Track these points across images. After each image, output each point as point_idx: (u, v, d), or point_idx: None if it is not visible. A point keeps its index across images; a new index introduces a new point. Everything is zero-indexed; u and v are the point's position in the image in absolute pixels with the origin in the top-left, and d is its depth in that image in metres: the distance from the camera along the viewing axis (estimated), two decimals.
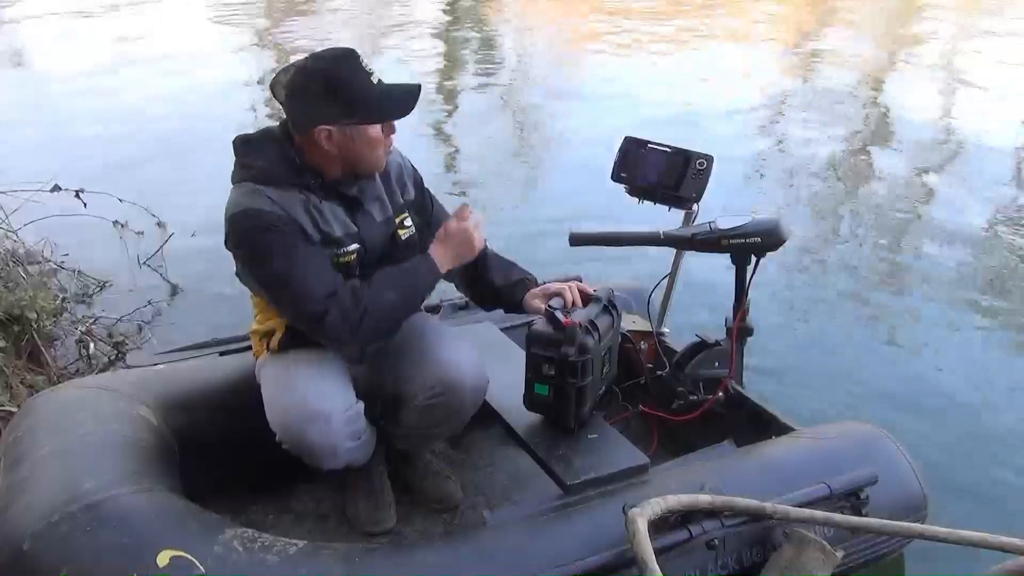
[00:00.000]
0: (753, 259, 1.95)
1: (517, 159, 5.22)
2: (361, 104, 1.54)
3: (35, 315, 2.60)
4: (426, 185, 1.86)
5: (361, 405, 1.67)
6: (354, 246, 1.63)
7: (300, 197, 1.57)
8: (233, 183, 1.60)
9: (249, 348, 1.84)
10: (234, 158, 1.63)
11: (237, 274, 1.67)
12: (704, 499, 1.53)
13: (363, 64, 1.54)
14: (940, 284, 3.51)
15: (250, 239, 1.54)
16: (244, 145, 1.62)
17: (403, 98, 1.58)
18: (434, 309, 2.23)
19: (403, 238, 1.72)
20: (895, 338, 3.11)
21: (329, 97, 1.52)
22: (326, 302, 1.52)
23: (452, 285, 1.99)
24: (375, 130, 1.57)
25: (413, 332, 1.76)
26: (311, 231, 1.57)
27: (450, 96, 6.67)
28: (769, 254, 1.93)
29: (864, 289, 3.49)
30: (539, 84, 7.12)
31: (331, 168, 1.60)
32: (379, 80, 1.55)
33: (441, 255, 1.66)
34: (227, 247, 1.59)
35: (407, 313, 1.66)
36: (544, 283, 1.87)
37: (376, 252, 1.67)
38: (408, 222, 1.75)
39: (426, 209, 1.83)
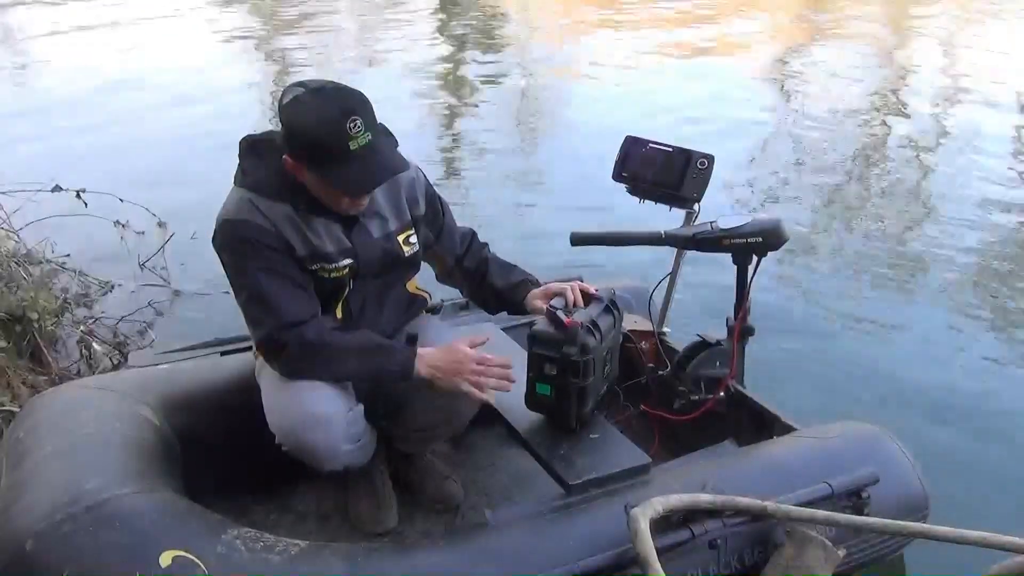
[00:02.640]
0: (754, 259, 1.95)
1: (518, 159, 5.22)
2: (327, 168, 1.48)
3: (36, 315, 2.60)
4: (441, 196, 1.84)
5: (361, 408, 1.67)
6: (346, 261, 1.61)
7: (291, 212, 1.55)
8: (234, 184, 1.60)
9: (251, 348, 1.83)
10: (238, 159, 1.62)
11: None
12: (705, 498, 1.53)
13: (351, 127, 1.44)
14: (943, 283, 3.51)
15: (232, 248, 1.55)
16: (248, 148, 1.61)
17: (367, 178, 1.49)
18: (435, 309, 2.23)
19: (406, 255, 1.70)
20: (897, 338, 3.11)
21: (305, 144, 1.47)
22: (288, 330, 1.53)
23: (455, 287, 2.00)
24: (337, 193, 1.52)
25: (417, 335, 1.76)
26: (299, 247, 1.56)
27: (451, 95, 6.67)
28: (771, 254, 1.93)
29: (866, 289, 3.49)
30: (540, 83, 7.12)
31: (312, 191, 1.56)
32: (360, 145, 1.45)
33: (426, 359, 1.61)
34: (213, 246, 1.59)
35: (358, 381, 1.64)
36: (545, 283, 1.87)
37: (373, 267, 1.66)
38: (413, 239, 1.72)
39: (437, 221, 1.82)
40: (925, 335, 3.11)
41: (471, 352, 1.62)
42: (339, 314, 1.67)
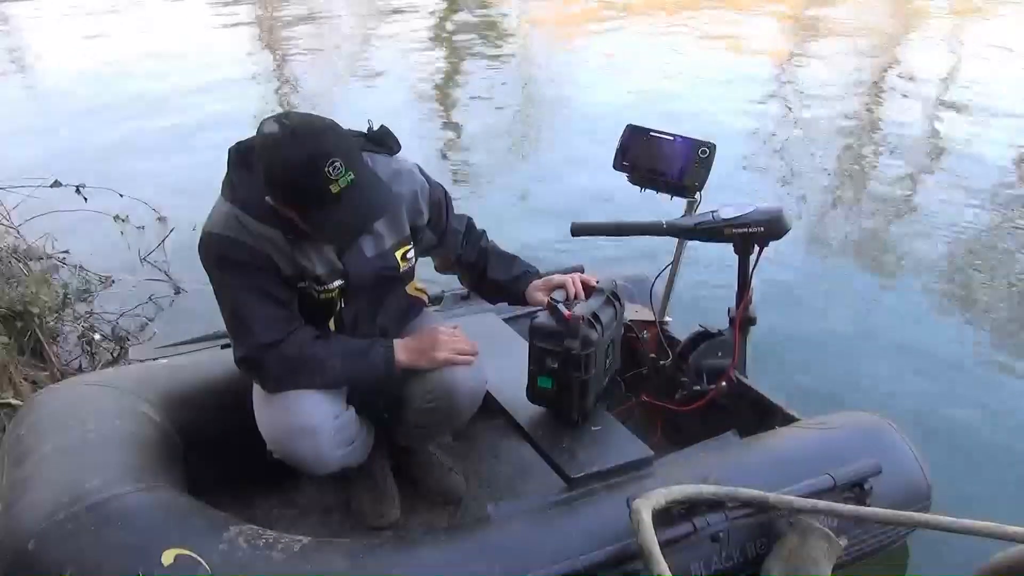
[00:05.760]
0: (756, 248, 1.93)
1: (518, 149, 5.20)
2: (311, 214, 1.43)
3: (38, 311, 2.60)
4: (445, 192, 1.79)
5: (351, 412, 1.67)
6: (337, 282, 1.59)
7: (279, 237, 1.51)
8: (221, 195, 1.55)
9: None
10: (226, 167, 1.56)
11: None
12: (708, 490, 1.53)
13: (331, 171, 1.37)
14: (947, 274, 3.49)
15: (214, 262, 1.53)
16: (237, 159, 1.55)
17: (354, 224, 1.45)
18: (436, 300, 2.22)
19: (402, 270, 1.67)
20: (900, 327, 3.09)
21: (286, 191, 1.42)
22: (263, 351, 1.52)
23: (454, 275, 1.99)
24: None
25: (412, 333, 1.75)
26: (285, 267, 1.53)
27: (451, 87, 6.64)
28: (773, 243, 1.92)
29: (869, 279, 3.48)
30: (541, 74, 7.08)
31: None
32: (343, 188, 1.38)
33: (403, 348, 1.62)
34: (199, 255, 1.55)
35: (346, 385, 1.64)
36: (546, 274, 1.86)
37: (365, 285, 1.63)
38: (410, 254, 1.69)
39: (441, 223, 1.78)
40: (928, 325, 3.10)
41: (440, 327, 1.68)
42: (332, 326, 1.65)
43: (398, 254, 1.66)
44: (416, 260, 1.73)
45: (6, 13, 9.74)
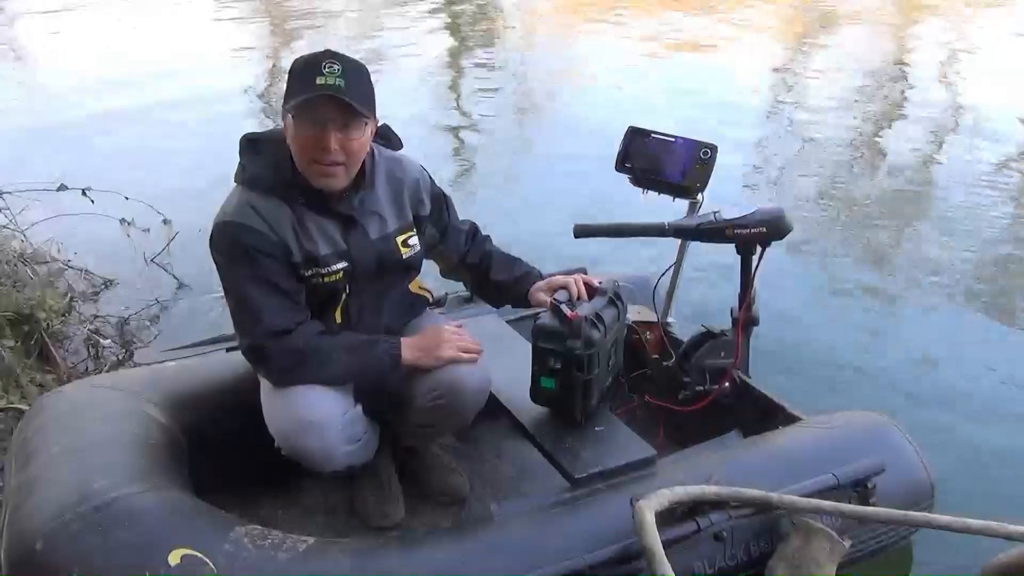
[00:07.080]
0: (758, 249, 1.94)
1: (520, 151, 5.20)
2: (290, 97, 1.49)
3: (44, 314, 2.62)
4: (445, 193, 1.83)
5: (359, 409, 1.68)
6: (341, 264, 1.60)
7: (288, 210, 1.55)
8: (234, 182, 1.61)
9: None
10: (238, 156, 1.62)
11: None
12: (711, 490, 1.53)
13: (325, 66, 1.45)
14: (950, 273, 3.49)
15: (226, 251, 1.55)
16: (247, 145, 1.61)
17: (320, 95, 1.45)
18: (439, 302, 2.23)
19: (404, 257, 1.69)
20: (902, 326, 3.10)
21: (287, 85, 1.51)
22: (270, 339, 1.53)
23: (459, 280, 2.00)
24: (300, 128, 1.49)
25: (416, 333, 1.76)
26: (295, 251, 1.56)
27: (453, 87, 6.65)
28: (775, 243, 1.92)
29: (871, 277, 3.48)
30: (542, 74, 7.09)
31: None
32: (327, 84, 1.44)
33: (408, 345, 1.65)
34: (209, 245, 1.58)
35: (351, 381, 1.65)
36: (549, 276, 1.87)
37: (369, 270, 1.65)
38: (413, 240, 1.71)
39: (443, 219, 1.81)
40: (930, 324, 3.10)
41: (444, 326, 1.71)
42: (338, 319, 1.67)
43: (399, 239, 1.68)
44: (420, 252, 1.74)
45: (6, 11, 9.78)
